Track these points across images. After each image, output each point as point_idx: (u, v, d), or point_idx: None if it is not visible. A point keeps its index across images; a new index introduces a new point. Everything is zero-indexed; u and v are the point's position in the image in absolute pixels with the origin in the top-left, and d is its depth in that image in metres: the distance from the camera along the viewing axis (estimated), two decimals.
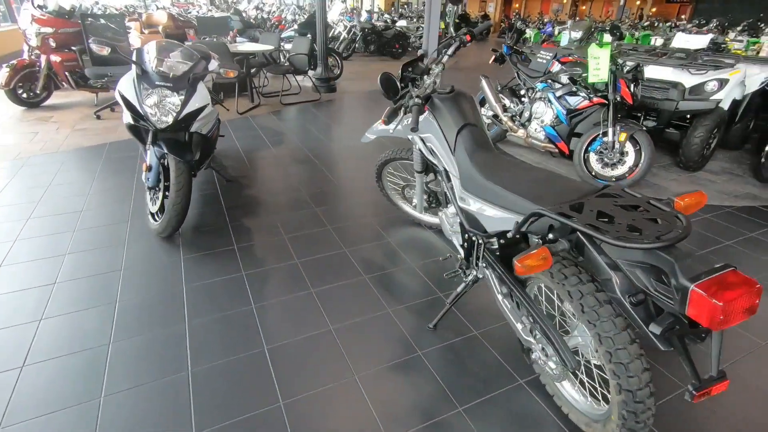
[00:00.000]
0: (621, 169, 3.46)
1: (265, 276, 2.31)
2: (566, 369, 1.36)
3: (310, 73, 6.42)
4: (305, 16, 9.50)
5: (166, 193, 2.52)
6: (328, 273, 2.36)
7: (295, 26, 8.23)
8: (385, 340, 1.91)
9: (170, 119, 2.38)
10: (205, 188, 3.32)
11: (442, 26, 9.10)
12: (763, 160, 3.93)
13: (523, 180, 1.37)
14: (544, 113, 3.84)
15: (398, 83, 1.84)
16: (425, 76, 1.91)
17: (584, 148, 3.56)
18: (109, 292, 2.14)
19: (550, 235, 1.16)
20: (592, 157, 3.56)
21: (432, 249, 2.62)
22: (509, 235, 1.29)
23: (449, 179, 1.86)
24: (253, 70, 5.94)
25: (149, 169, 2.50)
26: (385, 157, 2.57)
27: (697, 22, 12.42)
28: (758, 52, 7.10)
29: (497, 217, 1.39)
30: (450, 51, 1.97)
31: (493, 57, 4.65)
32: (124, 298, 2.10)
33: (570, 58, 3.89)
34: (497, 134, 4.28)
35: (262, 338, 1.89)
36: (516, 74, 4.37)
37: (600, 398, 1.48)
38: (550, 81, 3.83)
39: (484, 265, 1.61)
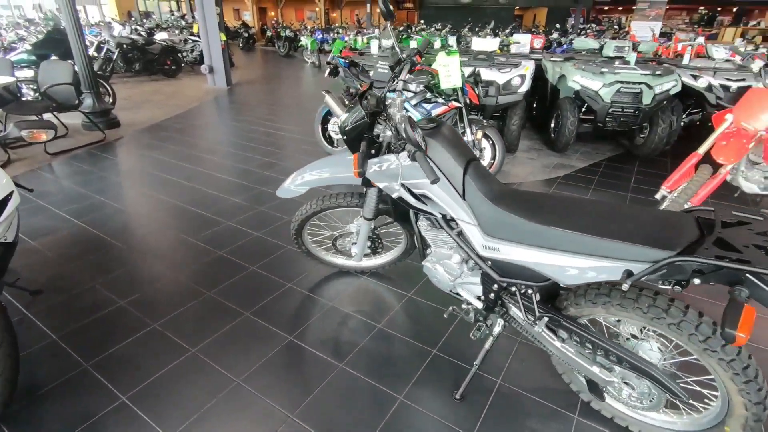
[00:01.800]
0: (484, 164, 3.77)
1: (205, 425, 1.54)
2: (672, 400, 1.30)
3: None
4: (37, 29, 7.07)
5: None
6: (295, 380, 1.74)
7: (27, 46, 5.99)
8: None
9: None
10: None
11: (224, 38, 8.23)
12: (552, 135, 4.96)
13: (595, 219, 1.21)
14: None
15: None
16: (391, 109, 1.55)
17: None
18: None
19: (696, 281, 1.04)
20: None
21: (382, 299, 2.26)
22: (625, 286, 1.12)
23: (450, 227, 1.57)
24: None
25: None
26: (310, 210, 2.04)
27: (434, 27, 14.90)
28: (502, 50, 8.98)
29: (583, 267, 1.20)
30: (403, 75, 1.68)
31: (328, 70, 4.44)
32: None
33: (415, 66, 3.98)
34: None
35: None
36: (359, 86, 4.24)
37: (682, 408, 1.48)
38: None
39: (542, 317, 1.41)
